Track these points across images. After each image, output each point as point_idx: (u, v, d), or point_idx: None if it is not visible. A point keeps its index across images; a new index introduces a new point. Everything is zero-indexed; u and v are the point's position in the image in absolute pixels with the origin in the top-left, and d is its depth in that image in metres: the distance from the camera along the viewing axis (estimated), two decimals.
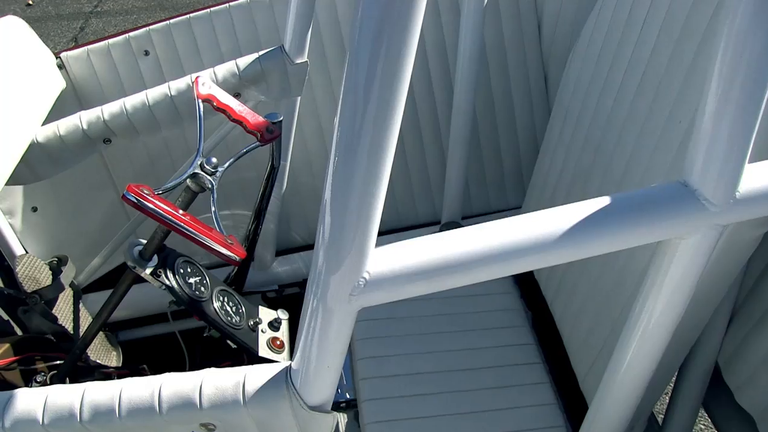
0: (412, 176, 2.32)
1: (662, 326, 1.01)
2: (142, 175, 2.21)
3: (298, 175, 2.25)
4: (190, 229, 1.23)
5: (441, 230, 2.24)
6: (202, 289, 1.59)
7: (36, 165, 1.80)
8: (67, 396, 1.03)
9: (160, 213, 1.22)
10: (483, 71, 2.15)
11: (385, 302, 0.84)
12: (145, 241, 1.51)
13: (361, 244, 0.79)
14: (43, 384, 1.70)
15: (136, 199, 1.21)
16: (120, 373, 1.91)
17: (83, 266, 2.21)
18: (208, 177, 1.40)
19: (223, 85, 1.78)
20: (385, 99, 0.71)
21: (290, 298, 2.31)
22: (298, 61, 1.80)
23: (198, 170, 1.40)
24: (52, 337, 1.92)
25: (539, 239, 0.82)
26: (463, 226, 2.23)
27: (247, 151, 1.56)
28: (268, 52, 1.80)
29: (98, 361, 2.02)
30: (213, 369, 1.02)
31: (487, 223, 0.85)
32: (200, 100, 1.54)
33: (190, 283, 1.56)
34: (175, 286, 1.51)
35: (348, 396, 1.78)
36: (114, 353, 2.14)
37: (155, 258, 1.51)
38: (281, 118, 1.67)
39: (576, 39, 1.81)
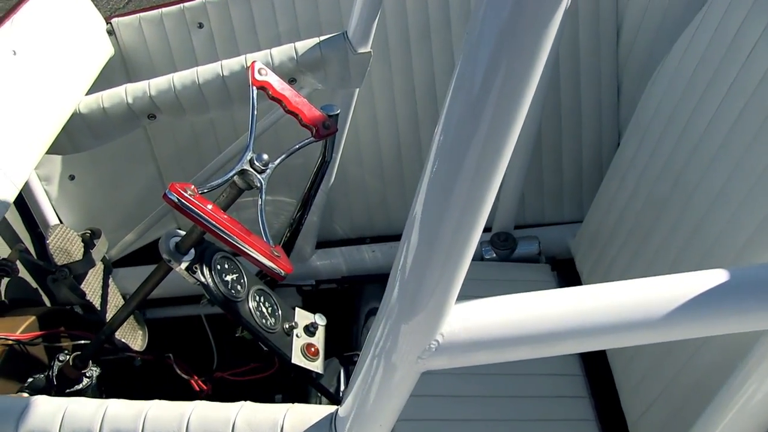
0: None
1: (764, 409, 0.88)
2: (184, 152, 2.12)
3: (347, 167, 2.14)
4: (235, 237, 1.12)
5: (492, 240, 2.12)
6: (239, 287, 1.50)
7: (76, 136, 1.71)
8: (87, 412, 0.94)
9: (202, 217, 1.11)
10: (553, 75, 2.01)
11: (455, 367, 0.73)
12: (183, 233, 1.41)
13: (441, 301, 0.67)
14: (66, 363, 1.63)
15: (178, 199, 1.10)
16: (144, 357, 1.85)
17: (116, 239, 2.13)
18: (258, 175, 1.28)
19: (279, 68, 1.67)
20: (504, 114, 0.58)
21: (326, 293, 2.21)
22: (361, 50, 1.68)
23: (247, 166, 1.29)
24: (80, 309, 1.86)
25: (649, 313, 0.69)
26: (515, 237, 2.10)
27: (300, 147, 1.45)
28: (329, 38, 1.68)
29: (123, 340, 1.95)
30: (249, 403, 0.92)
31: (589, 287, 0.72)
32: (255, 87, 1.43)
33: (227, 281, 1.47)
34: (211, 284, 1.41)
35: None
36: (140, 333, 2.07)
37: (192, 252, 1.41)
38: (338, 111, 1.55)
39: (665, 52, 1.66)
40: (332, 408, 0.88)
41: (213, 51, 1.96)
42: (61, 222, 2.05)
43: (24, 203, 1.94)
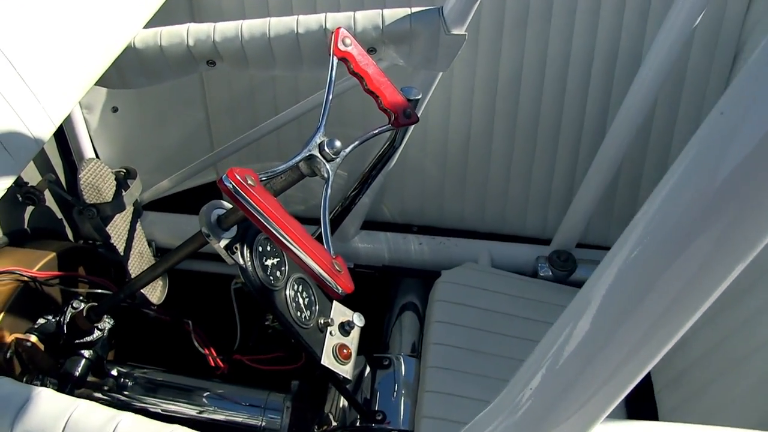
0: (533, 182, 2.01)
1: None
2: (238, 104, 1.96)
3: (408, 149, 1.97)
4: (295, 243, 0.96)
5: (551, 257, 1.94)
6: (278, 274, 1.35)
7: (127, 72, 1.56)
8: (94, 424, 0.81)
9: (261, 215, 0.95)
10: (649, 96, 1.78)
11: None
12: (228, 206, 1.25)
13: (585, 421, 0.52)
14: (79, 313, 1.51)
15: (234, 187, 0.94)
16: (161, 318, 1.73)
17: (151, 183, 1.99)
18: (326, 164, 1.12)
19: (361, 35, 1.49)
20: (751, 223, 0.45)
21: (361, 277, 2.06)
22: (455, 31, 1.49)
23: (316, 152, 1.12)
24: (102, 247, 1.75)
25: None
26: (575, 258, 1.92)
27: (375, 135, 1.28)
28: (422, 11, 1.49)
29: (142, 290, 1.84)
30: None
31: None
32: (336, 58, 1.25)
33: (266, 266, 1.32)
34: (249, 268, 1.27)
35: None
36: (159, 285, 1.95)
37: (234, 229, 1.26)
38: (419, 96, 1.37)
39: None
40: None
41: (288, 1, 1.77)
42: (96, 155, 1.91)
43: (61, 129, 1.80)
